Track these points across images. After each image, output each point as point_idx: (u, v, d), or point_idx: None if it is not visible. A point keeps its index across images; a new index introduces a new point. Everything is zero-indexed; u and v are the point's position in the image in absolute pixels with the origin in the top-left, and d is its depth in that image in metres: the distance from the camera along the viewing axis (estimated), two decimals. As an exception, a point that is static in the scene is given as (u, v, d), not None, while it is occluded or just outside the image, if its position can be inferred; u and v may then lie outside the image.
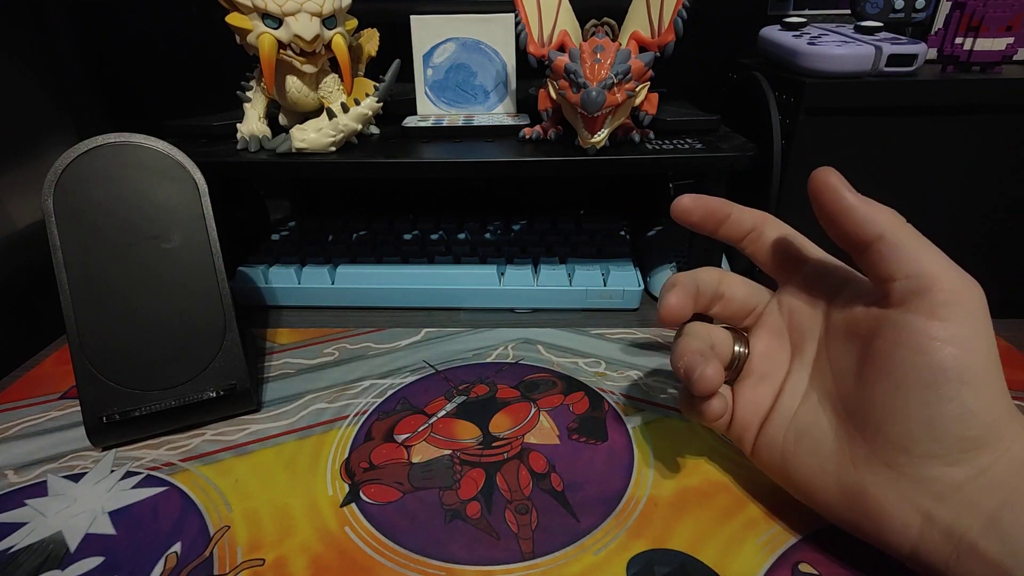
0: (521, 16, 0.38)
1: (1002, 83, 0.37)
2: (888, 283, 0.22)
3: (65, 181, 0.31)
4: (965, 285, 0.21)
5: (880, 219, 0.22)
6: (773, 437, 0.25)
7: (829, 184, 0.23)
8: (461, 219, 0.54)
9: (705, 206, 0.27)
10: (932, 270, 0.21)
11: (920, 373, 0.20)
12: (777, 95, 0.40)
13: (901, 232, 0.21)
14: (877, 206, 0.22)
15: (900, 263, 0.21)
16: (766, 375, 0.27)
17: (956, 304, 0.20)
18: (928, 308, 0.20)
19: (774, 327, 0.27)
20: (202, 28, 0.42)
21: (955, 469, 0.20)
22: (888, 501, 0.21)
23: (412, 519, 0.27)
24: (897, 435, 0.21)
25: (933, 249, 0.21)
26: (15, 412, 0.35)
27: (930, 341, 0.20)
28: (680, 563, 0.25)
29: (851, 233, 0.22)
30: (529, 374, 0.37)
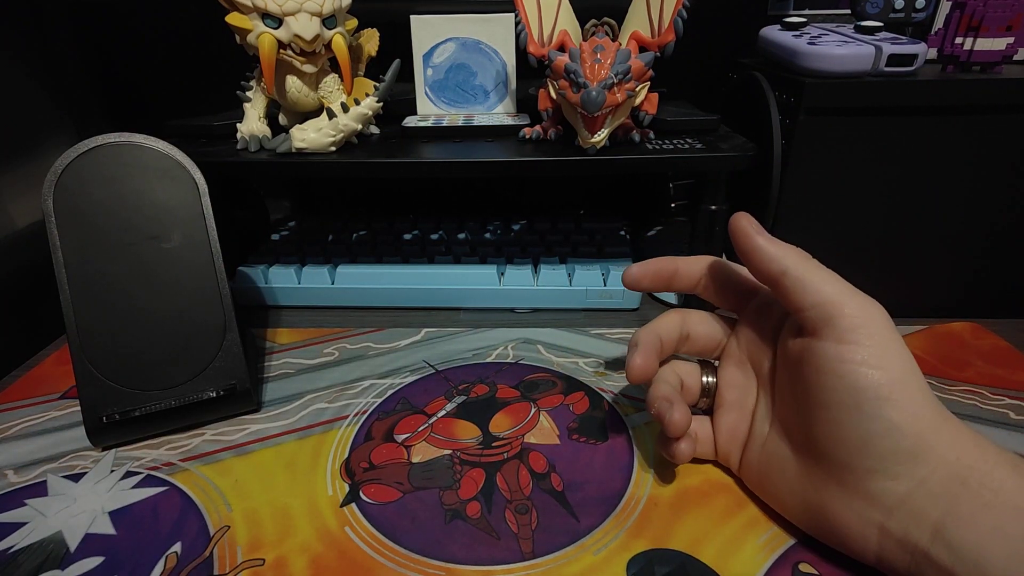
0: (521, 16, 0.38)
1: (1002, 83, 0.37)
2: (799, 314, 0.23)
3: (65, 181, 0.31)
4: (867, 308, 0.22)
5: (784, 257, 0.24)
6: (751, 460, 0.27)
7: (741, 227, 0.25)
8: (461, 219, 0.54)
9: (651, 270, 0.30)
10: (834, 298, 0.22)
11: (842, 396, 0.22)
12: (777, 95, 0.40)
13: (803, 267, 0.23)
14: (783, 246, 0.24)
15: (804, 294, 0.23)
16: (736, 403, 0.28)
17: (862, 327, 0.22)
18: (837, 334, 0.22)
19: (737, 358, 0.29)
20: (202, 28, 0.42)
21: (897, 483, 0.21)
22: (845, 517, 0.23)
23: (412, 519, 0.27)
24: (839, 456, 0.22)
25: (835, 279, 0.23)
26: (15, 412, 0.35)
27: (844, 365, 0.22)
28: (680, 563, 0.25)
29: (761, 270, 0.25)
30: (529, 374, 0.37)
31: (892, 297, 0.40)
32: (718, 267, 0.29)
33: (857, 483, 0.22)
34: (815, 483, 0.24)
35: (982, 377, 0.36)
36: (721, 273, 0.29)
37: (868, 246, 0.41)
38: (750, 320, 0.28)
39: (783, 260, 0.24)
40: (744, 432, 0.28)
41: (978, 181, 0.39)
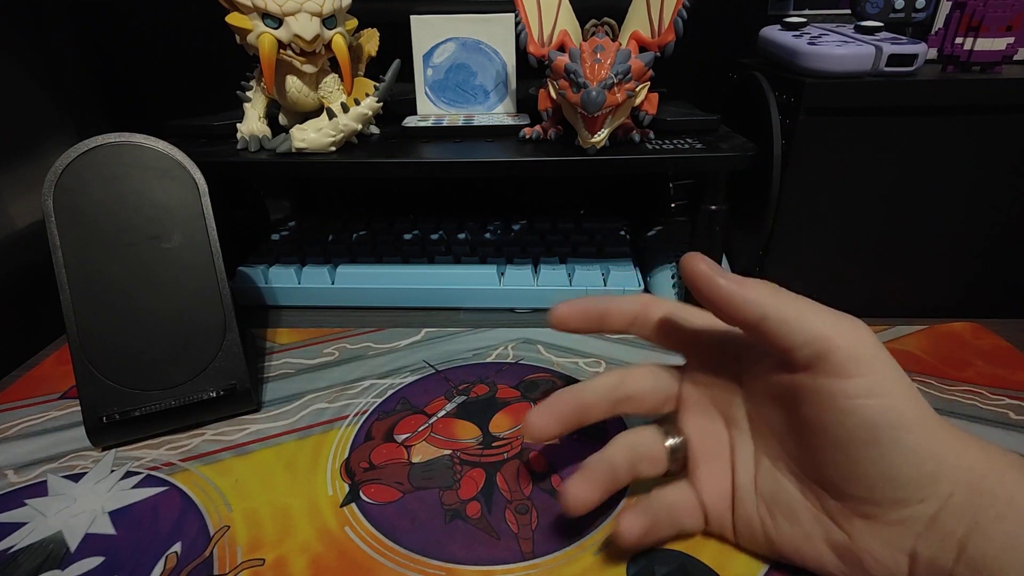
0: (521, 16, 0.38)
1: (1002, 83, 0.37)
2: (787, 354, 0.22)
3: (65, 181, 0.31)
4: (857, 333, 0.21)
5: (758, 299, 0.22)
6: (748, 516, 0.24)
7: (698, 272, 0.23)
8: (461, 219, 0.54)
9: (580, 310, 0.27)
10: (823, 332, 0.21)
11: (856, 433, 0.20)
12: (777, 95, 0.40)
13: (781, 305, 0.22)
14: (751, 285, 0.22)
15: (790, 335, 0.21)
16: (713, 455, 0.26)
17: (858, 357, 0.21)
18: (834, 369, 0.21)
19: (699, 405, 0.26)
20: (202, 28, 0.42)
21: (924, 505, 0.20)
22: (876, 550, 0.21)
23: (412, 519, 0.27)
24: (859, 491, 0.21)
25: (814, 309, 0.22)
26: (15, 412, 0.35)
27: (849, 401, 0.20)
28: (680, 563, 0.25)
29: (734, 317, 0.23)
30: (529, 374, 0.37)
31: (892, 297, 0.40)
32: (656, 305, 0.27)
33: (884, 514, 0.21)
34: (838, 520, 0.22)
35: (982, 377, 0.36)
36: (659, 311, 0.27)
37: (868, 246, 0.41)
38: (704, 359, 0.26)
39: (758, 304, 0.22)
40: (728, 487, 0.25)
41: (978, 181, 0.39)
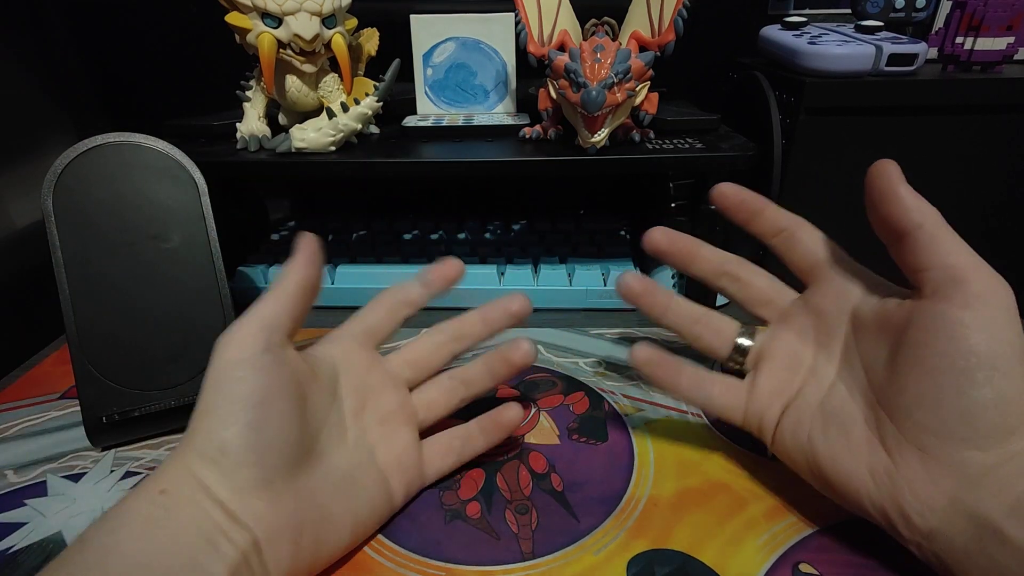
0: (521, 15, 0.38)
1: (1002, 83, 0.37)
2: (923, 272, 0.22)
3: (65, 181, 0.31)
4: (998, 282, 0.21)
5: (924, 210, 0.23)
6: (798, 421, 0.26)
7: (886, 171, 0.24)
8: (461, 219, 0.54)
9: (741, 196, 0.29)
10: (967, 264, 0.21)
11: (953, 360, 0.21)
12: (777, 95, 0.40)
13: (941, 225, 0.22)
14: (924, 201, 0.23)
15: (937, 254, 0.22)
16: (785, 367, 0.27)
17: (988, 296, 0.21)
18: (961, 298, 0.21)
19: (797, 326, 0.28)
20: (202, 28, 0.42)
21: (985, 454, 0.20)
22: (916, 483, 0.22)
23: (412, 519, 0.27)
24: (929, 421, 0.21)
25: (967, 247, 0.22)
26: (15, 412, 0.35)
27: (962, 328, 0.21)
28: (680, 563, 0.25)
29: (895, 217, 0.23)
30: (529, 374, 0.37)
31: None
32: (808, 230, 0.28)
33: (941, 450, 0.21)
34: (888, 445, 0.23)
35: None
36: (810, 235, 0.28)
37: (868, 246, 0.41)
38: (826, 290, 0.27)
39: (923, 214, 0.22)
40: (789, 395, 0.27)
41: (978, 181, 0.39)
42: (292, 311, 0.24)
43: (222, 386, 0.22)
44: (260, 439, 0.22)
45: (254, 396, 0.22)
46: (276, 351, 0.23)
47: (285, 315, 0.24)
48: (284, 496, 0.22)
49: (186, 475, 0.21)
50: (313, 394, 0.25)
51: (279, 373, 0.23)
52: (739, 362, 0.29)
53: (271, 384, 0.22)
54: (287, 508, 0.22)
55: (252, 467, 0.22)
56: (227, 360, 0.22)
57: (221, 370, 0.22)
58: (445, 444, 0.29)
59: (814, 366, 0.27)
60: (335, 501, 0.24)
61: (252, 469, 0.22)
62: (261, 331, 0.23)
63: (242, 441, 0.21)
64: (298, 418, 0.23)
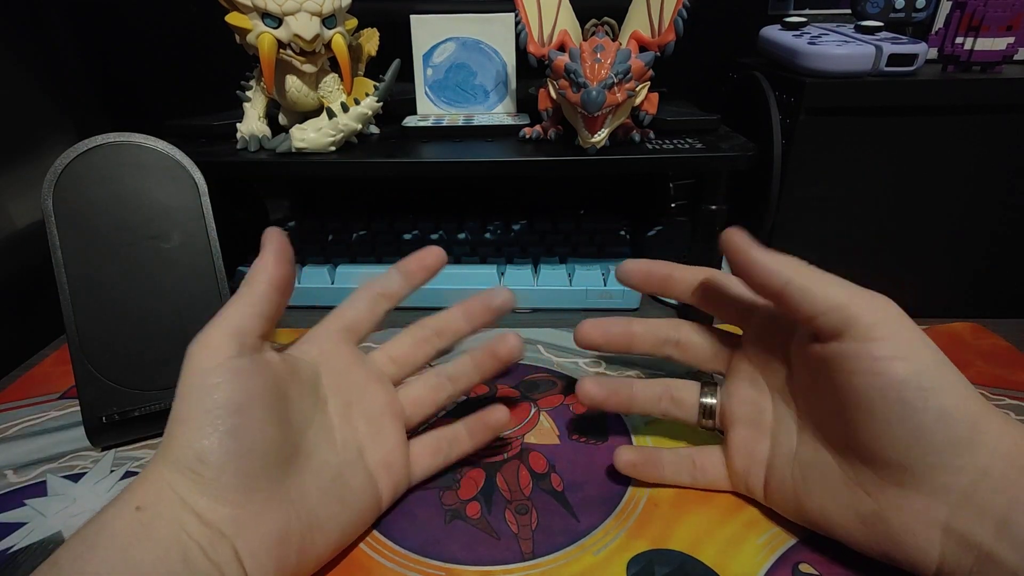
0: (521, 16, 0.38)
1: (1002, 83, 0.37)
2: (811, 322, 0.23)
3: (64, 181, 0.31)
4: (879, 301, 0.22)
5: (784, 268, 0.23)
6: (782, 480, 0.26)
7: (734, 244, 0.24)
8: (461, 219, 0.54)
9: (645, 269, 0.29)
10: (845, 299, 0.22)
11: (883, 394, 0.21)
12: (777, 95, 0.40)
13: (804, 275, 0.23)
14: (780, 257, 0.23)
15: (814, 301, 0.22)
16: (750, 420, 0.27)
17: (881, 322, 0.21)
18: (860, 333, 0.21)
19: (747, 373, 0.28)
20: (202, 28, 0.42)
21: (959, 476, 0.20)
22: (906, 520, 0.21)
23: (412, 519, 0.27)
24: (892, 456, 0.21)
25: (838, 282, 0.23)
26: (15, 412, 0.35)
27: (876, 362, 0.21)
28: (680, 563, 0.25)
29: (761, 285, 0.24)
30: (529, 374, 0.37)
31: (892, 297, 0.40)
32: (716, 279, 0.28)
33: (917, 482, 0.21)
34: (869, 489, 0.22)
35: (982, 377, 0.36)
36: (719, 285, 0.28)
37: (868, 246, 0.41)
38: (758, 333, 0.27)
39: (783, 272, 0.23)
40: (765, 452, 0.26)
41: (978, 181, 0.39)
42: (264, 312, 0.23)
43: (196, 394, 0.21)
44: (240, 446, 0.21)
45: (231, 402, 0.21)
46: (251, 355, 0.22)
47: (256, 317, 0.23)
48: (269, 504, 0.22)
49: (162, 489, 0.21)
50: (295, 395, 0.24)
51: (256, 377, 0.22)
52: (711, 423, 0.29)
53: (248, 389, 0.22)
54: (272, 516, 0.22)
55: (233, 475, 0.21)
56: (199, 368, 0.22)
57: (194, 378, 0.22)
58: (433, 444, 0.29)
59: (777, 417, 0.27)
60: (324, 505, 0.24)
61: (233, 477, 0.21)
62: (233, 336, 0.22)
63: (222, 449, 0.21)
64: (280, 421, 0.23)
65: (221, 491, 0.21)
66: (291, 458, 0.23)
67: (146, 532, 0.20)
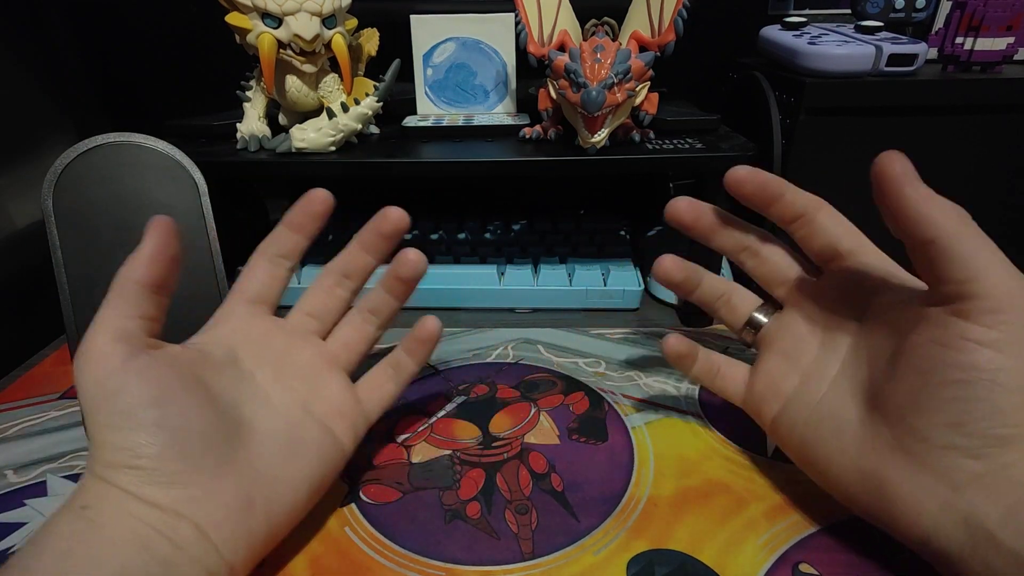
0: (521, 16, 0.38)
1: (1002, 83, 0.37)
2: (937, 285, 0.21)
3: (64, 181, 0.31)
4: (1016, 294, 0.20)
5: (937, 221, 0.21)
6: (794, 418, 0.26)
7: (889, 175, 0.21)
8: (461, 219, 0.54)
9: (759, 180, 0.27)
10: (982, 276, 0.20)
11: (954, 371, 0.20)
12: (777, 95, 0.40)
13: (956, 235, 0.20)
14: (938, 205, 0.21)
15: (951, 269, 0.20)
16: (787, 353, 0.27)
17: (1002, 312, 0.20)
18: (972, 313, 0.20)
19: (808, 311, 0.27)
20: (202, 28, 0.42)
21: (976, 462, 0.20)
22: (906, 487, 0.21)
23: (412, 519, 0.27)
24: (921, 426, 0.21)
25: (989, 252, 0.21)
26: (15, 412, 0.35)
27: (967, 343, 0.20)
28: (680, 563, 0.25)
29: (906, 231, 0.22)
30: (529, 374, 0.37)
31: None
32: (827, 213, 0.27)
33: (931, 456, 0.21)
34: (877, 448, 0.22)
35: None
36: (828, 219, 0.26)
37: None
38: (843, 278, 0.26)
39: (935, 226, 0.21)
40: (789, 386, 0.26)
41: (978, 181, 0.39)
42: (144, 312, 0.23)
43: (105, 403, 0.21)
44: (171, 434, 0.21)
45: (144, 398, 0.21)
46: (146, 352, 0.22)
47: (135, 319, 0.22)
48: (222, 476, 0.22)
49: (105, 488, 0.20)
50: (212, 378, 0.24)
51: (160, 369, 0.22)
52: (751, 336, 0.29)
53: (158, 382, 0.21)
54: (228, 486, 0.22)
55: (174, 461, 0.21)
56: (93, 379, 0.21)
57: (94, 390, 0.21)
58: (378, 377, 0.30)
59: (818, 359, 0.26)
60: (281, 464, 0.24)
61: (174, 463, 0.21)
62: (117, 340, 0.21)
63: (154, 440, 0.21)
64: (204, 404, 0.23)
65: (167, 477, 0.21)
66: (232, 434, 0.23)
67: (93, 528, 0.19)
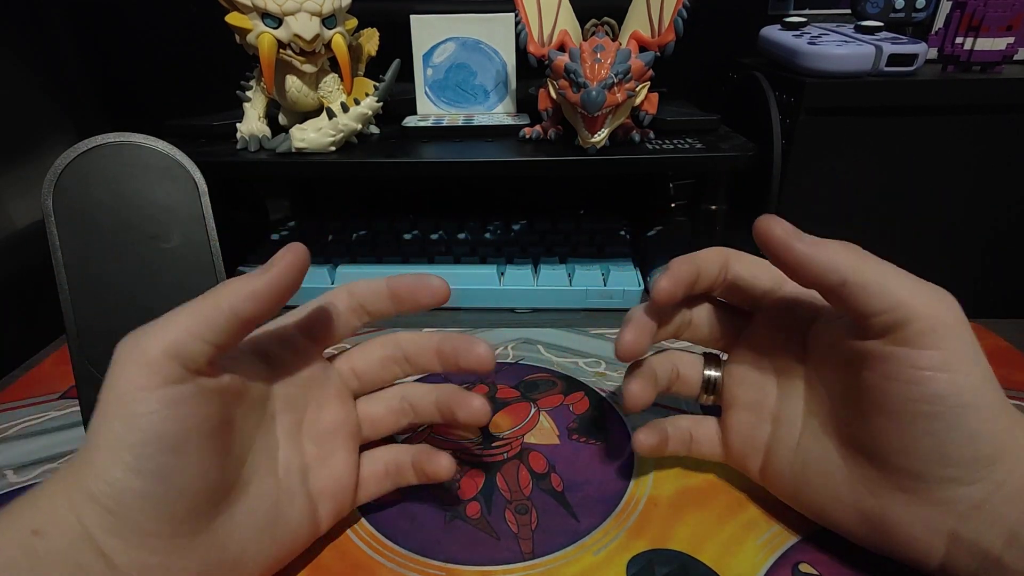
0: (521, 16, 0.38)
1: (1002, 83, 0.37)
2: (865, 320, 0.21)
3: (65, 181, 0.31)
4: (940, 305, 0.20)
5: (837, 262, 0.21)
6: (780, 467, 0.25)
7: (774, 237, 0.22)
8: (461, 219, 0.54)
9: (681, 279, 0.25)
10: (905, 300, 0.20)
11: (918, 405, 0.20)
12: (777, 95, 0.40)
13: (863, 269, 0.21)
14: (831, 248, 0.21)
15: (871, 301, 0.20)
16: (751, 404, 0.26)
17: (937, 329, 0.20)
18: (910, 338, 0.20)
19: (754, 355, 0.27)
20: (202, 28, 0.42)
21: (973, 488, 0.20)
22: (911, 525, 0.21)
23: (412, 519, 0.27)
24: (908, 465, 0.21)
25: (900, 276, 0.21)
26: (15, 412, 0.35)
27: (920, 372, 0.20)
28: (680, 563, 0.25)
29: (813, 282, 0.22)
30: (529, 374, 0.37)
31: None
32: (735, 259, 0.26)
33: (928, 491, 0.20)
34: (873, 490, 0.22)
35: (982, 377, 0.36)
36: (737, 264, 0.26)
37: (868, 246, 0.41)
38: (775, 314, 0.26)
39: (838, 268, 0.21)
40: (764, 436, 0.26)
41: (978, 181, 0.39)
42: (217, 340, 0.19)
43: (122, 419, 0.18)
44: (168, 490, 0.18)
45: (164, 437, 0.18)
46: (195, 380, 0.19)
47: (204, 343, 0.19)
48: (191, 550, 0.19)
49: (66, 517, 0.17)
50: (239, 419, 0.21)
51: (198, 408, 0.19)
52: (711, 399, 0.28)
53: (187, 423, 0.18)
54: (190, 561, 0.19)
55: (154, 521, 0.18)
56: (130, 385, 0.18)
57: (123, 397, 0.18)
58: (382, 469, 0.27)
59: (780, 402, 0.26)
60: (252, 544, 0.21)
61: (153, 523, 0.18)
62: (173, 356, 0.18)
63: (143, 491, 0.18)
64: (219, 455, 0.20)
65: (136, 536, 0.18)
66: (222, 498, 0.20)
67: (36, 563, 0.17)
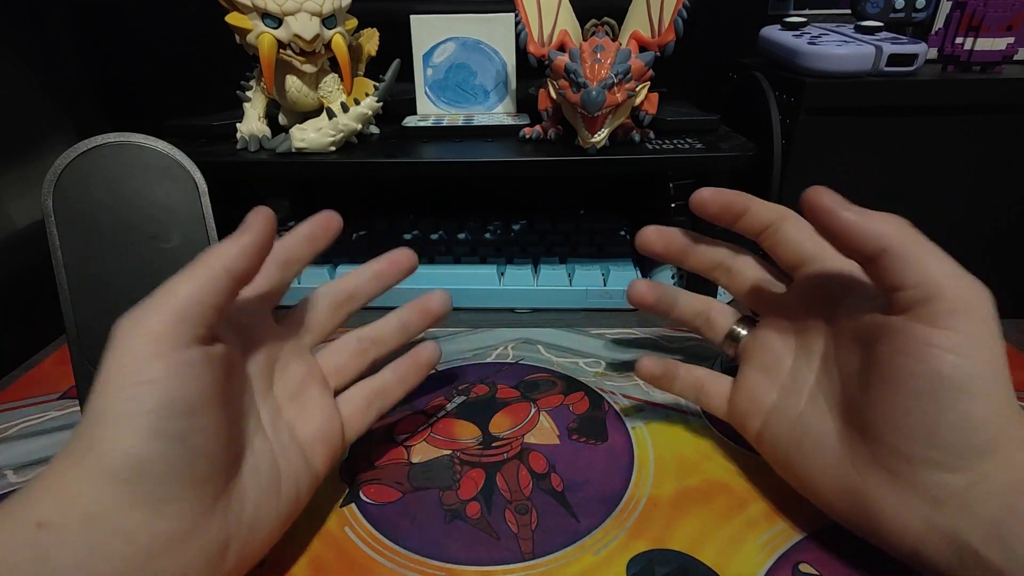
0: (521, 16, 0.38)
1: (1002, 83, 0.37)
2: (894, 293, 0.21)
3: (65, 181, 0.31)
4: (972, 293, 0.20)
5: (882, 232, 0.21)
6: (776, 434, 0.26)
7: (821, 206, 0.22)
8: (461, 219, 0.54)
9: (723, 200, 0.27)
10: (938, 279, 0.20)
11: (918, 380, 0.20)
12: (777, 95, 0.40)
13: (905, 242, 0.21)
14: (878, 217, 0.21)
15: (906, 274, 0.20)
16: (765, 368, 0.27)
17: (961, 312, 0.20)
18: (931, 316, 0.20)
19: (781, 323, 0.27)
20: (202, 28, 0.42)
21: (955, 476, 0.20)
22: (888, 505, 0.21)
23: (412, 519, 0.27)
24: (896, 441, 0.21)
25: (940, 256, 0.21)
26: (15, 412, 0.35)
27: (930, 349, 0.20)
28: (680, 563, 0.25)
29: (856, 250, 0.22)
30: (529, 374, 0.37)
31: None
32: (792, 221, 0.26)
33: (910, 472, 0.21)
34: (858, 466, 0.22)
35: (982, 377, 0.36)
36: (792, 227, 0.26)
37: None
38: (811, 286, 0.26)
39: (882, 237, 0.21)
40: (768, 401, 0.26)
41: (978, 181, 0.39)
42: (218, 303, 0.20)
43: (130, 390, 0.18)
44: (190, 452, 0.18)
45: (179, 402, 0.18)
46: (199, 345, 0.19)
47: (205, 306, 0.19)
48: (211, 512, 0.19)
49: (74, 501, 0.17)
50: (232, 383, 0.21)
51: (206, 369, 0.19)
52: (732, 349, 0.29)
53: (200, 386, 0.19)
54: (213, 526, 0.19)
55: (178, 485, 0.18)
56: (134, 356, 0.18)
57: (127, 369, 0.18)
58: (362, 401, 0.27)
59: (793, 372, 0.26)
60: (263, 505, 0.21)
61: (178, 488, 0.18)
62: (179, 321, 0.19)
63: (169, 456, 0.18)
64: (227, 421, 0.20)
65: (160, 504, 0.18)
66: (235, 460, 0.21)
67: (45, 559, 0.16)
